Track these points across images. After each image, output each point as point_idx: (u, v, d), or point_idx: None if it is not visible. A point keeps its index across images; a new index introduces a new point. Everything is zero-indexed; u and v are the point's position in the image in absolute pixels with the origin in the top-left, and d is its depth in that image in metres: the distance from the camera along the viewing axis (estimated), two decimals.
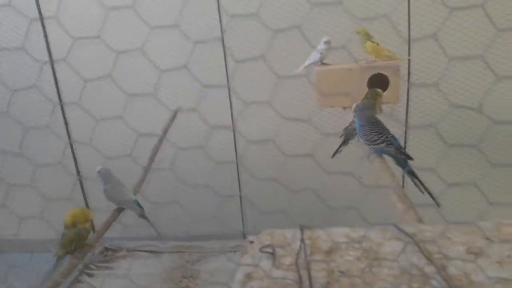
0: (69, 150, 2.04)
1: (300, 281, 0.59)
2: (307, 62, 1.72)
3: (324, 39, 1.65)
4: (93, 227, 1.61)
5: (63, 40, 1.86)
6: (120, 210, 1.55)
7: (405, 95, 1.86)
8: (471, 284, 0.55)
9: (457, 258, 0.59)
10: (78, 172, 2.02)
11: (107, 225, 1.52)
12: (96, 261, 2.01)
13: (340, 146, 1.51)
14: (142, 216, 1.56)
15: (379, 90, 1.43)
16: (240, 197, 2.08)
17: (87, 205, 2.02)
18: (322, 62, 1.71)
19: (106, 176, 1.50)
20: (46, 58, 1.90)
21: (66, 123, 2.00)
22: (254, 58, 1.75)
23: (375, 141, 1.25)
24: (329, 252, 0.66)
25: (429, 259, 0.60)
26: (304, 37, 1.60)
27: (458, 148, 1.83)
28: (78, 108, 1.89)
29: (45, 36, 1.89)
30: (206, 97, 1.98)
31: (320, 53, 1.67)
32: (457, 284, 0.55)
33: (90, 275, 1.93)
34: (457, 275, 0.57)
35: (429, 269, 0.58)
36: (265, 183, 2.00)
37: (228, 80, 1.88)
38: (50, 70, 1.95)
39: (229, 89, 1.95)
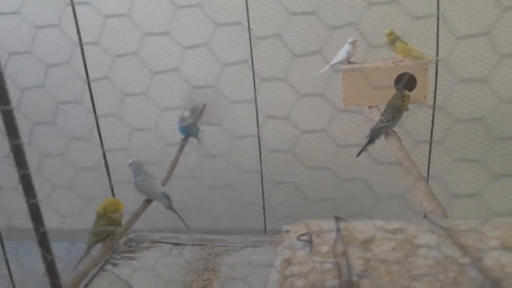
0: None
1: (338, 267, 0.63)
2: (334, 61, 1.75)
3: (350, 39, 1.69)
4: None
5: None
6: (149, 201, 1.61)
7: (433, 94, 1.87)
8: (507, 275, 0.58)
9: (490, 252, 0.62)
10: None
11: (136, 216, 1.59)
12: (120, 251, 2.08)
13: (366, 145, 1.54)
14: (170, 208, 1.62)
15: (407, 92, 1.46)
16: (263, 194, 2.13)
17: (113, 195, 2.10)
18: (349, 61, 1.74)
19: (136, 169, 1.57)
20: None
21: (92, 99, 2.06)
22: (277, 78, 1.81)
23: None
24: (365, 242, 0.70)
25: (464, 250, 0.63)
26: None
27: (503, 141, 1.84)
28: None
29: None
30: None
31: (347, 52, 1.70)
32: (493, 275, 0.58)
33: (114, 265, 2.00)
34: (492, 267, 0.60)
35: (464, 260, 0.62)
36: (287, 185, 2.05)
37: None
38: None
39: (256, 100, 1.99)
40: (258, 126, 1.89)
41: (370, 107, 1.75)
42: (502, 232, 0.68)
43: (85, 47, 1.94)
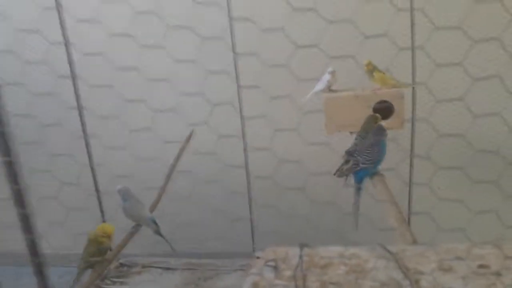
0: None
1: None
2: (315, 90, 1.90)
3: (329, 69, 1.84)
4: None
5: None
6: (137, 227, 1.73)
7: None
8: None
9: (429, 273, 0.74)
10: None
11: (125, 241, 1.70)
12: (111, 276, 2.18)
13: (341, 165, 1.68)
14: (158, 233, 1.74)
15: (377, 115, 1.62)
16: (251, 219, 2.25)
17: (103, 218, 2.21)
18: (330, 89, 1.89)
19: (125, 194, 1.70)
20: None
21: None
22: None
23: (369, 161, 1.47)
24: (324, 266, 0.82)
25: (405, 273, 0.75)
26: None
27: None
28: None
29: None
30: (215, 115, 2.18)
31: (327, 81, 1.85)
32: None
33: None
34: (427, 287, 0.72)
35: (405, 282, 0.74)
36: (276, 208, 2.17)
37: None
38: None
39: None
40: (246, 155, 2.02)
41: (351, 133, 1.89)
42: (442, 256, 0.80)
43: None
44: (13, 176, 0.68)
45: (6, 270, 2.36)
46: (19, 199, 0.69)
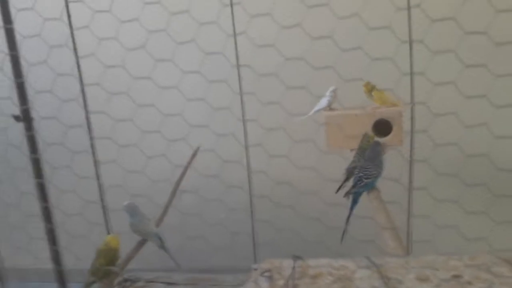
0: None
1: None
2: (316, 108, 2.04)
3: (331, 88, 1.98)
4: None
5: None
6: (143, 241, 1.86)
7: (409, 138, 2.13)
8: None
9: (407, 282, 0.86)
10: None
11: (132, 255, 1.83)
12: None
13: (343, 182, 1.81)
14: (163, 247, 1.87)
15: (371, 134, 1.76)
16: (253, 235, 2.36)
17: (108, 230, 2.35)
18: (330, 108, 2.02)
19: (132, 210, 1.83)
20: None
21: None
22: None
23: (371, 175, 1.59)
24: (314, 276, 0.94)
25: (386, 283, 0.87)
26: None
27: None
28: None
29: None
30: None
31: (328, 100, 1.98)
32: None
33: None
34: None
35: None
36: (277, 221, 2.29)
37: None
38: None
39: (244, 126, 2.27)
40: (248, 172, 2.15)
41: (351, 150, 2.01)
42: (421, 267, 0.92)
43: None
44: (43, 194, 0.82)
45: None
46: (47, 215, 0.83)
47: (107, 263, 1.64)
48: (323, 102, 2.01)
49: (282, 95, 2.11)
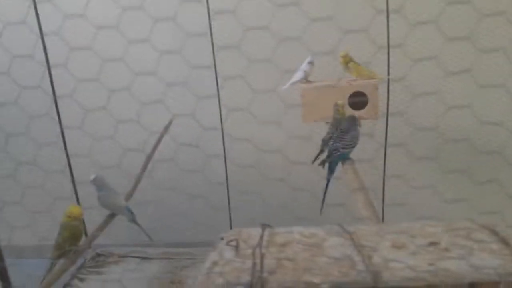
0: None
1: (253, 266, 0.77)
2: (293, 80, 1.92)
3: (308, 59, 1.86)
4: (85, 230, 1.79)
5: None
6: (112, 215, 1.74)
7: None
8: (387, 269, 0.73)
9: (382, 250, 0.77)
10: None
11: (100, 230, 1.71)
12: (87, 266, 2.18)
13: (318, 153, 1.73)
14: (133, 221, 1.75)
15: (339, 102, 1.68)
16: (229, 207, 2.27)
17: (77, 201, 2.21)
18: (307, 80, 1.91)
19: (100, 184, 1.70)
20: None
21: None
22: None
23: (348, 145, 1.51)
24: (282, 245, 0.84)
25: (359, 250, 0.78)
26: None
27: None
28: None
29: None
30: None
31: (304, 71, 1.87)
32: (376, 268, 0.73)
33: (81, 280, 2.10)
34: (379, 263, 0.75)
35: (358, 258, 0.76)
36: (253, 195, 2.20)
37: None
38: None
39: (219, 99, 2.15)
40: (224, 145, 2.04)
41: (327, 123, 1.92)
42: (396, 234, 0.83)
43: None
44: None
45: None
46: None
47: (71, 235, 1.51)
48: (299, 74, 1.90)
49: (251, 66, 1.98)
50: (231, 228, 2.31)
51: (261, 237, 0.87)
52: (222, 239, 0.93)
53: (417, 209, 1.85)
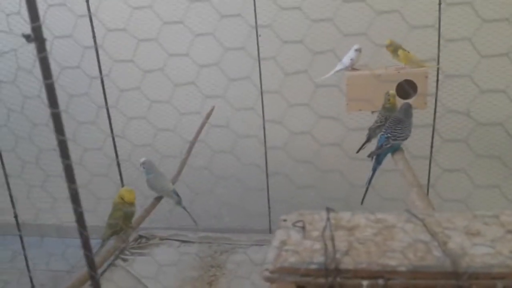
0: None
1: (325, 248, 0.77)
2: (338, 68, 1.89)
3: (355, 46, 1.82)
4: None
5: None
6: (159, 198, 1.77)
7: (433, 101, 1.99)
8: (465, 254, 0.71)
9: (457, 236, 0.76)
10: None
11: (148, 211, 1.75)
12: (130, 248, 2.24)
13: (364, 143, 1.70)
14: (180, 204, 1.78)
15: (391, 91, 1.63)
16: (268, 194, 2.27)
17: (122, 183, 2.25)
18: (352, 68, 1.88)
19: (149, 167, 1.73)
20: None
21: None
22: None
23: (399, 136, 1.47)
24: (351, 228, 0.83)
25: (433, 235, 0.76)
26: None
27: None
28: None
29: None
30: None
31: (351, 59, 1.84)
32: (453, 254, 0.71)
33: (124, 260, 2.16)
34: (455, 248, 0.73)
35: (432, 243, 0.75)
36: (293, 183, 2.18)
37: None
38: None
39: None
40: (264, 128, 2.03)
41: (372, 112, 1.88)
42: (468, 222, 0.81)
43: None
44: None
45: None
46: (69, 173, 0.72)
47: (123, 216, 1.55)
48: (346, 61, 1.87)
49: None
50: (269, 213, 2.32)
51: (328, 219, 0.87)
52: (284, 221, 0.93)
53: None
